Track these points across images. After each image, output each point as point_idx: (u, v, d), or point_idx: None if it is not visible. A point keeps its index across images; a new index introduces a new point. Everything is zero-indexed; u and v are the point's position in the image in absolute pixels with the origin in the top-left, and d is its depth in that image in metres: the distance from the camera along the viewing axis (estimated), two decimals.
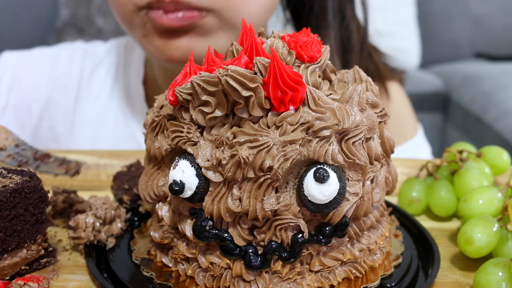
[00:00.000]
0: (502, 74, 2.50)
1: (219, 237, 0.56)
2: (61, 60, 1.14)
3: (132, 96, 1.10)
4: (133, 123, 1.09)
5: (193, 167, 0.55)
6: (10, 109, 1.10)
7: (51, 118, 1.11)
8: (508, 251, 0.63)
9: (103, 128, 1.10)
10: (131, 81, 1.11)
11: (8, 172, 0.61)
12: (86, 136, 1.10)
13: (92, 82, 1.12)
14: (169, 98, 0.57)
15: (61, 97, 1.11)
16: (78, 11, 2.58)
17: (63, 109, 1.11)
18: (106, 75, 1.13)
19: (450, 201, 0.75)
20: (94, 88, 1.12)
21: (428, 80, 2.62)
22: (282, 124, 0.53)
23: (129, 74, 1.11)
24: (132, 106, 1.10)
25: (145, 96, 1.10)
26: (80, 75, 1.12)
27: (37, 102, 1.11)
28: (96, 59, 1.14)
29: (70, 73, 1.12)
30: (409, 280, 0.61)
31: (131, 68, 1.11)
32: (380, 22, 2.69)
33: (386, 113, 0.61)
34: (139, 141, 1.07)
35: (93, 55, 1.15)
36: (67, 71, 1.12)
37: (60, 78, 1.12)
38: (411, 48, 2.78)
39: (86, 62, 1.14)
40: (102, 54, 1.15)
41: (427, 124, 2.68)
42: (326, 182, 0.52)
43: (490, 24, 2.90)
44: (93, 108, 1.11)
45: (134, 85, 1.10)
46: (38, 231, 0.62)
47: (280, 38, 0.61)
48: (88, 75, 1.12)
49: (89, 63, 1.14)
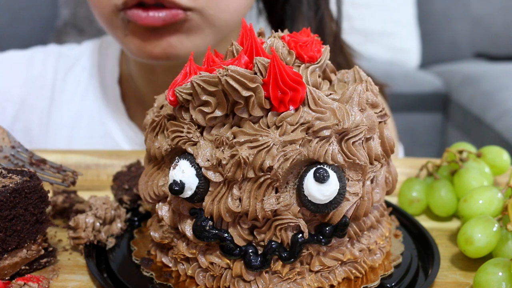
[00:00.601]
0: (502, 74, 2.50)
1: (219, 237, 0.56)
2: (35, 63, 1.14)
3: (108, 95, 1.10)
4: (109, 121, 1.09)
5: (193, 167, 0.55)
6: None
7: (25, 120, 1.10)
8: (508, 251, 0.63)
9: (79, 128, 1.10)
10: (106, 80, 1.11)
11: (8, 172, 0.61)
12: (62, 137, 1.10)
13: (66, 84, 1.12)
14: (169, 98, 0.57)
15: (36, 99, 1.11)
16: (78, 11, 2.58)
17: (38, 111, 1.10)
18: (81, 76, 1.13)
19: (450, 201, 0.75)
20: (68, 89, 1.12)
21: (428, 80, 2.62)
22: (282, 124, 0.53)
23: (104, 74, 1.11)
24: (107, 105, 1.10)
25: (120, 94, 1.10)
26: (55, 77, 1.12)
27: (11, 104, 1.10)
28: (70, 61, 1.14)
29: (44, 75, 1.12)
30: (409, 280, 0.61)
31: (106, 68, 1.12)
32: (380, 22, 2.69)
33: (386, 113, 0.61)
34: (116, 139, 1.08)
35: (67, 57, 1.15)
36: (42, 73, 1.12)
37: (35, 80, 1.12)
38: (411, 48, 2.78)
39: (60, 64, 1.14)
40: (76, 55, 1.15)
41: (427, 124, 2.69)
42: (326, 182, 0.52)
43: (490, 24, 2.90)
44: (68, 108, 1.11)
45: (110, 84, 1.10)
46: (38, 231, 0.62)
47: (280, 38, 0.61)
48: (62, 76, 1.13)
49: (63, 65, 1.14)
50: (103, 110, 1.10)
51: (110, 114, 1.09)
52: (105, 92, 1.10)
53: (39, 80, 1.12)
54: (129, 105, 1.10)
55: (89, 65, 1.13)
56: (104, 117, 1.10)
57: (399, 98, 2.35)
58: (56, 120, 1.10)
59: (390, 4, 2.72)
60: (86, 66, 1.13)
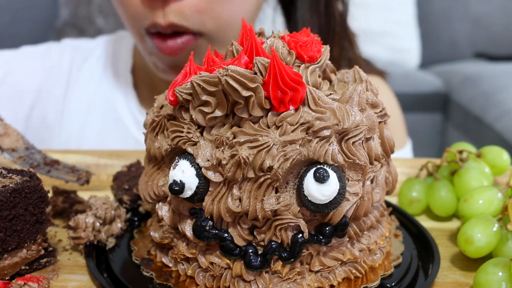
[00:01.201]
0: (502, 74, 2.50)
1: (219, 237, 0.56)
2: (52, 54, 1.19)
3: (121, 83, 1.16)
4: (121, 108, 1.14)
5: (193, 167, 0.55)
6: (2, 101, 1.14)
7: (42, 107, 1.15)
8: (508, 251, 0.63)
9: (92, 114, 1.15)
10: (120, 70, 1.16)
11: (8, 172, 0.61)
12: (75, 123, 1.15)
13: (81, 73, 1.18)
14: (169, 98, 0.57)
15: (52, 87, 1.16)
16: (78, 11, 2.58)
17: (54, 98, 1.16)
18: (95, 65, 1.18)
19: (450, 201, 0.75)
20: (83, 78, 1.17)
21: (428, 80, 2.62)
22: (282, 124, 0.53)
23: (117, 64, 1.17)
24: (120, 93, 1.15)
25: (133, 83, 1.15)
26: (70, 67, 1.18)
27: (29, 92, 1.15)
28: (85, 52, 1.20)
29: (60, 65, 1.18)
30: (409, 280, 0.61)
31: (120, 58, 1.17)
32: (380, 22, 2.69)
33: (386, 113, 0.61)
34: (126, 124, 1.13)
35: (82, 49, 1.21)
36: (58, 63, 1.18)
37: (51, 69, 1.17)
38: (411, 48, 2.78)
39: (76, 55, 1.20)
40: (91, 48, 1.21)
41: (427, 124, 2.69)
42: (326, 182, 0.52)
43: (490, 24, 2.90)
44: (83, 96, 1.16)
45: (123, 73, 1.16)
46: (38, 231, 0.62)
47: (280, 38, 0.61)
48: (78, 66, 1.18)
49: (79, 56, 1.19)
50: (115, 97, 1.15)
51: (122, 101, 1.14)
52: (118, 80, 1.16)
53: (56, 69, 1.17)
54: (140, 92, 1.15)
55: (104, 56, 1.19)
56: (116, 104, 1.15)
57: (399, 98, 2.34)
58: (71, 106, 1.15)
59: (390, 4, 2.72)
60: (101, 57, 1.19)
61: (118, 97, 1.15)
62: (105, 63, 1.18)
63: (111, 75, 1.17)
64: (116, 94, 1.15)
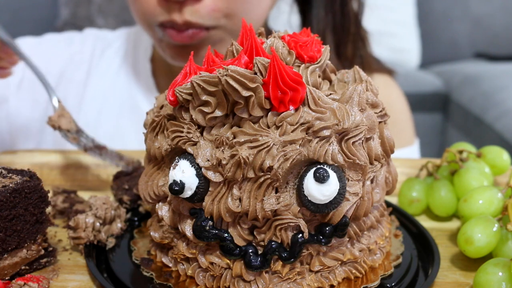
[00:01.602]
0: (502, 74, 2.50)
1: (219, 237, 0.56)
2: (75, 42, 1.23)
3: (139, 72, 1.19)
4: (139, 95, 1.17)
5: (193, 167, 0.55)
6: (26, 84, 1.16)
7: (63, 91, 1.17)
8: (508, 251, 0.63)
9: (110, 100, 1.18)
10: (139, 59, 1.19)
11: (8, 172, 0.61)
12: (94, 107, 1.17)
13: (102, 60, 1.21)
14: (169, 98, 0.57)
15: (74, 73, 1.19)
16: (78, 11, 2.58)
17: (75, 84, 1.18)
18: (116, 54, 1.22)
19: (450, 201, 0.75)
20: (104, 65, 1.21)
21: (428, 80, 2.62)
22: (282, 124, 0.53)
23: (137, 53, 1.20)
24: (138, 80, 1.18)
25: (152, 71, 1.18)
26: (92, 54, 1.21)
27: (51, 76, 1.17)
28: (106, 41, 1.24)
29: (82, 51, 1.21)
30: (409, 280, 0.61)
31: (140, 48, 1.20)
32: (380, 22, 2.69)
33: (386, 113, 0.61)
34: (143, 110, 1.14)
35: (104, 39, 1.24)
36: (80, 50, 1.21)
37: (74, 55, 1.21)
38: (411, 48, 2.78)
39: (97, 43, 1.23)
40: (112, 38, 1.25)
41: (427, 124, 2.69)
42: (326, 182, 0.52)
43: (490, 24, 2.90)
44: (102, 82, 1.19)
45: (142, 62, 1.19)
46: (38, 231, 0.62)
47: (280, 38, 0.61)
48: (99, 54, 1.21)
49: (100, 44, 1.23)
50: (134, 85, 1.18)
51: (140, 88, 1.17)
52: (137, 69, 1.19)
53: (78, 55, 1.21)
54: (159, 81, 1.18)
55: (124, 45, 1.23)
56: (134, 91, 1.17)
57: None
58: (91, 91, 1.18)
59: (390, 4, 2.71)
60: (121, 46, 1.23)
61: (136, 85, 1.17)
62: (125, 53, 1.22)
63: (131, 63, 1.20)
64: (134, 82, 1.18)
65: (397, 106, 1.20)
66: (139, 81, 1.18)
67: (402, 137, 1.19)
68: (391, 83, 1.21)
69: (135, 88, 1.18)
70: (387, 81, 1.20)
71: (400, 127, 1.19)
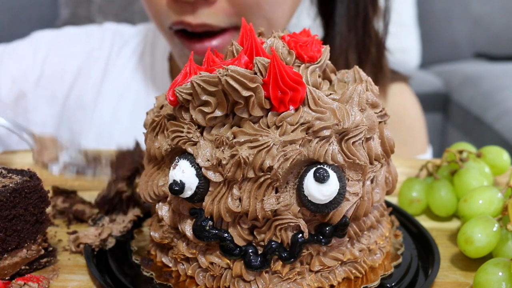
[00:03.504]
0: (502, 74, 2.50)
1: (219, 237, 0.56)
2: (93, 37, 1.22)
3: (157, 71, 1.18)
4: (155, 94, 1.15)
5: (193, 167, 0.55)
6: (44, 80, 1.16)
7: (80, 87, 1.17)
8: (508, 251, 0.63)
9: (126, 98, 1.17)
10: (157, 57, 1.18)
11: (8, 172, 0.61)
12: (109, 105, 1.17)
13: (120, 57, 1.20)
14: (169, 98, 0.57)
15: (91, 68, 1.18)
16: (78, 11, 2.58)
17: (92, 80, 1.18)
18: (134, 51, 1.21)
19: (450, 201, 0.75)
20: (121, 62, 1.20)
21: (428, 80, 2.62)
22: (282, 124, 0.53)
23: (155, 51, 1.19)
24: (155, 79, 1.17)
25: (169, 70, 1.16)
26: (110, 50, 1.20)
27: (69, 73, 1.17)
28: (125, 37, 1.22)
29: (100, 48, 1.20)
30: (409, 280, 0.61)
31: (158, 46, 1.19)
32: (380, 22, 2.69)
33: (386, 113, 0.61)
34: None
35: (123, 34, 1.23)
36: (99, 46, 1.20)
37: (92, 51, 1.19)
38: (411, 48, 2.78)
39: (116, 39, 1.22)
40: (131, 34, 1.24)
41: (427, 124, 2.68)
42: (326, 182, 0.52)
43: (490, 24, 2.90)
44: (119, 79, 1.18)
45: (160, 60, 1.17)
46: (38, 231, 0.62)
47: (280, 38, 0.61)
48: (117, 50, 1.20)
49: (119, 41, 1.22)
50: (150, 83, 1.17)
51: (157, 88, 1.16)
52: (155, 67, 1.18)
53: (96, 52, 1.20)
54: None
55: (143, 42, 1.21)
56: (150, 90, 1.16)
57: None
58: (107, 89, 1.17)
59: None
60: (140, 43, 1.21)
61: (153, 84, 1.16)
62: (143, 50, 1.20)
63: (148, 62, 1.19)
64: (151, 81, 1.17)
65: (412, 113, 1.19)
66: (155, 79, 1.17)
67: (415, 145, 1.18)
68: (407, 92, 1.20)
69: (152, 87, 1.17)
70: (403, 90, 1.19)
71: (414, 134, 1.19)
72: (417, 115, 1.22)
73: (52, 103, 1.15)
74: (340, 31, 1.05)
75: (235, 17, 0.90)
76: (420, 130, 1.21)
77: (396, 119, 0.73)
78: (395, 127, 0.65)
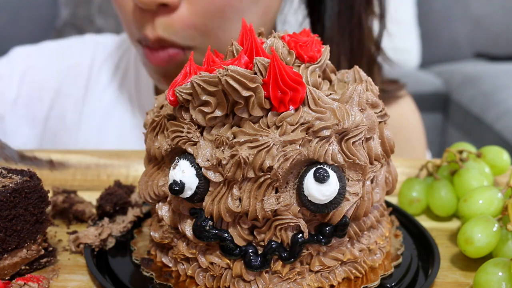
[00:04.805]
0: (502, 74, 2.50)
1: (219, 237, 0.56)
2: (72, 51, 1.16)
3: (141, 88, 1.12)
4: (141, 114, 1.11)
5: (193, 167, 0.55)
6: (22, 101, 1.11)
7: (61, 108, 1.12)
8: (508, 251, 0.63)
9: (111, 118, 1.12)
10: (141, 72, 1.13)
11: (8, 172, 0.61)
12: (94, 126, 1.11)
13: (102, 73, 1.14)
14: (169, 98, 0.57)
15: (72, 87, 1.13)
16: (78, 11, 2.58)
17: (73, 99, 1.12)
18: (117, 66, 1.15)
19: (450, 201, 0.75)
20: (104, 78, 1.14)
21: (428, 80, 2.62)
22: (282, 124, 0.53)
23: (139, 66, 1.13)
24: (140, 98, 1.12)
25: (154, 88, 1.11)
26: (91, 66, 1.15)
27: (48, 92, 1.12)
28: (107, 50, 1.17)
29: (80, 64, 1.15)
30: (409, 280, 0.61)
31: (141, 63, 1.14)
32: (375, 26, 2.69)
33: (386, 113, 0.61)
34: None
35: (105, 46, 1.17)
36: (78, 61, 1.15)
37: (71, 68, 1.14)
38: (411, 48, 2.78)
39: (97, 53, 1.16)
40: (114, 45, 1.18)
41: (427, 124, 2.68)
42: (326, 182, 0.52)
43: (490, 24, 2.90)
44: (103, 98, 1.13)
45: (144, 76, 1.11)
46: (38, 231, 0.62)
47: (280, 38, 0.61)
48: (99, 65, 1.15)
49: (101, 54, 1.16)
50: (136, 102, 1.12)
51: (143, 107, 1.11)
52: (140, 84, 1.13)
53: (74, 69, 1.14)
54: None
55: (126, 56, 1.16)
56: (136, 110, 1.11)
57: None
58: (90, 108, 1.12)
59: (390, 4, 2.72)
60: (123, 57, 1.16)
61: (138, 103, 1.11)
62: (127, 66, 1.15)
63: (133, 78, 1.13)
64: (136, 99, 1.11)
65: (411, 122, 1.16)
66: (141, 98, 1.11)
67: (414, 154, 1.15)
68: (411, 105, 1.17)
69: (137, 106, 1.11)
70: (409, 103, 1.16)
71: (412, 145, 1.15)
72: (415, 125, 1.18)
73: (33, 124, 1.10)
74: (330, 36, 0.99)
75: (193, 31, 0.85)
76: (419, 140, 1.19)
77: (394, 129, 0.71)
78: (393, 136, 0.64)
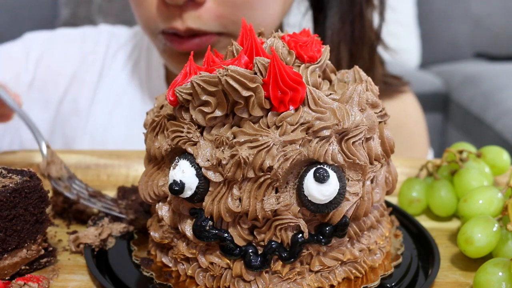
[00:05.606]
0: (502, 74, 2.50)
1: (219, 237, 0.56)
2: (88, 39, 1.19)
3: (152, 76, 1.15)
4: (151, 100, 1.14)
5: (193, 167, 0.55)
6: (37, 84, 1.14)
7: (75, 93, 1.15)
8: (508, 251, 0.63)
9: (121, 104, 1.15)
10: (153, 63, 1.16)
11: (8, 172, 0.61)
12: (104, 111, 1.15)
13: (115, 62, 1.18)
14: (169, 98, 0.57)
15: (86, 74, 1.16)
16: (78, 11, 2.58)
17: (86, 85, 1.15)
18: (129, 56, 1.18)
19: (450, 201, 0.75)
20: (117, 67, 1.18)
21: (428, 80, 2.62)
22: (282, 124, 0.53)
23: (151, 56, 1.16)
24: (151, 85, 1.15)
25: (165, 76, 1.14)
26: (105, 54, 1.18)
27: (65, 77, 1.15)
28: (121, 40, 1.20)
29: (96, 52, 1.18)
30: (409, 280, 0.61)
31: (154, 51, 1.17)
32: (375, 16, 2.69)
33: (386, 113, 0.61)
34: None
35: (119, 37, 1.21)
36: (94, 49, 1.18)
37: (87, 55, 1.17)
38: (411, 48, 2.78)
39: (111, 43, 1.19)
40: (127, 37, 1.21)
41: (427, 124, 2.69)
42: (326, 182, 0.52)
43: (490, 24, 2.90)
44: (114, 85, 1.16)
45: (155, 66, 1.15)
46: (38, 231, 0.62)
47: (280, 38, 0.61)
48: (112, 54, 1.18)
49: (114, 44, 1.19)
50: (146, 89, 1.15)
51: (153, 94, 1.14)
52: (150, 73, 1.16)
53: (91, 55, 1.17)
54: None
55: (138, 47, 1.19)
56: (145, 97, 1.14)
57: None
58: (102, 94, 1.15)
59: (390, 4, 2.71)
60: (136, 48, 1.19)
61: (148, 90, 1.15)
62: (139, 55, 1.18)
63: (144, 67, 1.16)
64: (146, 87, 1.15)
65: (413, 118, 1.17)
66: (151, 86, 1.15)
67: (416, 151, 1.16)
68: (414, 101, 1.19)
69: (147, 93, 1.14)
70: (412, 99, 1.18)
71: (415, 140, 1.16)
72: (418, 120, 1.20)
73: (46, 107, 1.13)
74: (332, 24, 1.02)
75: (222, 20, 0.88)
76: (421, 136, 1.20)
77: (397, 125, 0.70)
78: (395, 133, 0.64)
